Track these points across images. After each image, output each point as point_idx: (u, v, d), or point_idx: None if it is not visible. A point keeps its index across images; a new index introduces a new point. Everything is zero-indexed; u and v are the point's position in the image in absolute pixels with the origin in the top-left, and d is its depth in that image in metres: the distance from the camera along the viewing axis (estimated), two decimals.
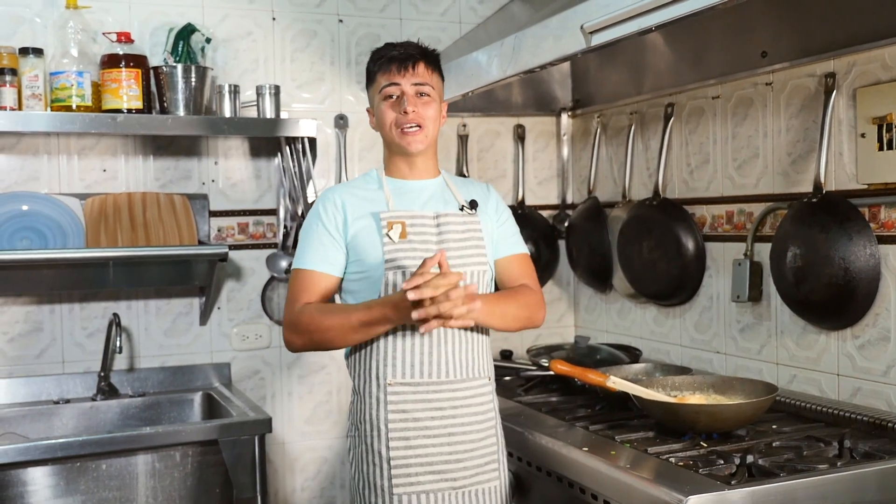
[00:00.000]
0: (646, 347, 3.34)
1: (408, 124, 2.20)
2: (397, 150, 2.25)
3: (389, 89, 2.21)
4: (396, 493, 2.14)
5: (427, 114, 2.21)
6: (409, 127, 2.20)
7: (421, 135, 2.21)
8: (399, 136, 2.21)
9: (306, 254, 2.22)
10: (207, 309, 3.25)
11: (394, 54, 2.22)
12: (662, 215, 3.15)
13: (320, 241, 2.21)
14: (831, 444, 2.21)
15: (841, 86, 2.51)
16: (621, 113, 3.48)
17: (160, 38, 3.15)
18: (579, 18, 2.27)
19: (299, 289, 2.20)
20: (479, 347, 2.25)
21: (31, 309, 3.08)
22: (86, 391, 3.10)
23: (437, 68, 2.28)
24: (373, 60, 2.27)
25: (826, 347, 2.60)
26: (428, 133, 2.23)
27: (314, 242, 2.22)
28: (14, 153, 3.05)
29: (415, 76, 2.20)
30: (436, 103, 2.24)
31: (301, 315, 2.16)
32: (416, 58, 2.22)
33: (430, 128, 2.23)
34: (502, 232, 2.34)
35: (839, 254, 2.43)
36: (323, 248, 2.20)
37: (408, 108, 2.18)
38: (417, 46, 2.26)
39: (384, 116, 2.23)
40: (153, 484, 2.66)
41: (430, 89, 2.22)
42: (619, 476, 2.08)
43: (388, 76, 2.21)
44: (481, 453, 2.21)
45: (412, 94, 2.20)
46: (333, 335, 2.13)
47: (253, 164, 3.34)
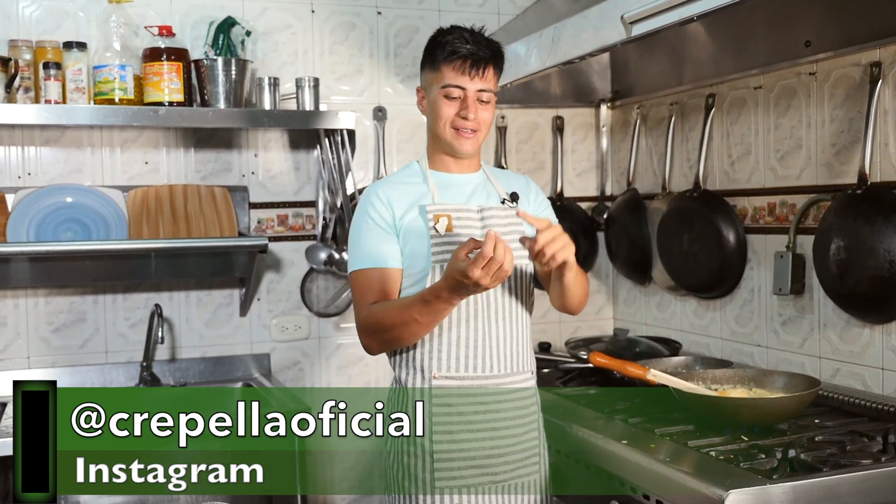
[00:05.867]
0: (685, 340, 3.32)
1: (465, 129, 2.15)
2: (446, 147, 2.20)
3: (453, 90, 2.13)
4: (439, 486, 2.13)
5: (485, 118, 2.16)
6: (465, 131, 2.15)
7: (475, 138, 2.16)
8: (453, 135, 2.16)
9: (360, 253, 2.16)
10: (247, 300, 3.28)
11: (465, 51, 2.11)
12: (703, 207, 3.12)
13: (371, 236, 2.15)
14: (875, 439, 2.17)
15: (887, 75, 2.47)
16: (661, 104, 3.45)
17: (201, 32, 3.18)
18: (619, 9, 2.25)
19: (361, 291, 2.14)
20: (523, 341, 2.23)
21: (75, 300, 3.13)
22: (128, 381, 3.14)
23: (501, 70, 2.20)
24: (440, 47, 2.14)
25: (870, 341, 2.57)
26: (481, 136, 2.18)
27: (365, 240, 2.16)
28: (58, 146, 3.10)
29: (482, 81, 2.13)
30: (493, 106, 2.18)
31: (367, 318, 2.10)
32: (487, 61, 2.12)
33: (484, 131, 2.18)
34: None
35: (884, 246, 2.39)
36: (376, 244, 2.14)
37: (469, 116, 2.12)
38: (488, 44, 2.15)
39: (440, 112, 2.16)
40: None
41: (491, 95, 2.16)
42: (658, 469, 2.07)
43: (454, 75, 2.12)
44: (523, 447, 2.20)
45: (474, 99, 2.13)
46: (400, 332, 2.06)
47: (292, 156, 3.36)
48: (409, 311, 2.02)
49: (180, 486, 1.96)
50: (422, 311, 2.00)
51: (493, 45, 2.17)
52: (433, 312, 2.00)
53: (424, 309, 1.99)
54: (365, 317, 2.12)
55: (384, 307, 2.08)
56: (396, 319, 2.04)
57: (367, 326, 2.12)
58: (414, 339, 2.10)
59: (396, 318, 2.04)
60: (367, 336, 2.13)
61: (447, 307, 1.99)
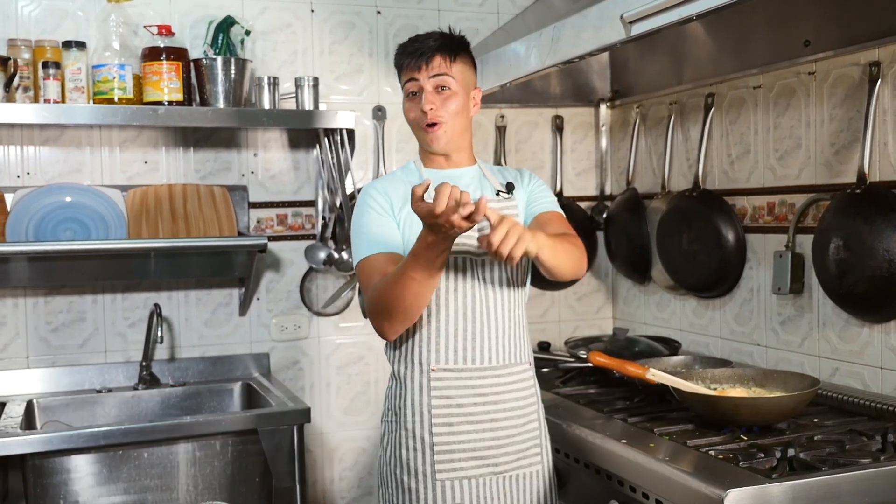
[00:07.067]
0: (685, 340, 3.32)
1: (427, 121, 2.16)
2: (423, 145, 2.23)
3: (409, 85, 2.17)
4: (439, 478, 2.14)
5: (447, 108, 2.15)
6: (428, 124, 2.16)
7: (440, 131, 2.16)
8: (422, 134, 2.19)
9: (363, 241, 2.15)
10: (247, 300, 3.28)
11: (410, 49, 2.17)
12: (702, 206, 3.12)
13: (374, 224, 2.15)
14: (874, 439, 2.17)
15: (886, 74, 2.47)
16: (661, 103, 3.45)
17: (200, 31, 3.18)
18: (619, 8, 2.25)
19: (368, 277, 2.11)
20: (520, 333, 2.24)
21: (74, 299, 3.13)
22: (127, 380, 3.14)
23: (458, 57, 2.18)
24: (395, 54, 2.24)
25: (869, 340, 2.57)
26: (448, 128, 2.17)
27: (368, 229, 2.15)
28: (58, 145, 3.09)
29: (431, 69, 2.14)
30: (458, 96, 2.17)
31: (372, 298, 2.07)
32: (431, 51, 2.14)
33: (450, 123, 2.17)
34: (535, 196, 2.27)
35: (883, 245, 2.39)
36: (379, 231, 2.14)
37: (425, 107, 2.14)
38: (438, 37, 2.17)
39: (407, 113, 2.20)
40: (193, 472, 2.70)
41: (449, 80, 2.15)
42: (657, 468, 2.07)
43: (407, 72, 2.17)
44: (523, 438, 2.21)
45: (430, 90, 2.15)
46: (403, 297, 1.98)
47: (292, 155, 3.36)
48: (404, 274, 1.96)
49: None
50: (415, 266, 1.93)
51: (444, 37, 2.18)
52: (426, 264, 1.92)
53: (417, 264, 1.92)
54: (370, 298, 2.09)
55: (383, 281, 2.03)
56: (397, 287, 1.98)
57: (374, 306, 2.08)
58: (418, 302, 2.01)
59: (396, 285, 1.98)
60: (376, 317, 2.09)
61: (437, 254, 1.90)
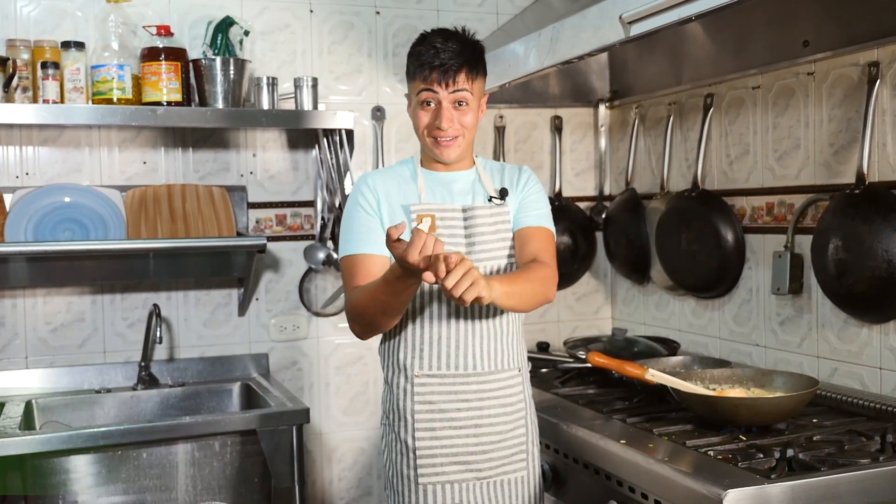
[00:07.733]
0: (684, 340, 3.32)
1: (443, 137, 2.14)
2: (430, 153, 2.20)
3: (425, 95, 2.13)
4: (422, 482, 2.15)
5: (464, 122, 2.14)
6: (444, 139, 2.14)
7: (455, 144, 2.15)
8: (433, 143, 2.16)
9: (350, 239, 2.17)
10: (246, 300, 3.28)
11: (435, 63, 2.09)
12: (701, 207, 3.12)
13: (362, 223, 2.16)
14: (873, 439, 2.17)
15: (885, 75, 2.47)
16: (660, 104, 3.45)
17: (199, 32, 3.18)
18: (618, 8, 2.25)
19: (350, 276, 2.15)
20: (510, 339, 2.23)
21: (73, 299, 3.13)
22: (126, 381, 3.14)
23: (479, 69, 2.17)
24: (412, 57, 2.17)
25: (868, 341, 2.57)
26: (463, 141, 2.16)
27: (356, 226, 2.17)
28: (57, 146, 3.09)
29: (454, 86, 2.11)
30: (474, 108, 2.16)
31: (350, 302, 2.13)
32: (456, 68, 2.10)
33: (466, 135, 2.16)
34: (524, 205, 2.24)
35: (882, 245, 2.39)
36: (367, 230, 2.16)
37: (443, 125, 2.11)
38: (461, 50, 2.11)
39: (418, 120, 2.16)
40: (192, 473, 2.70)
41: (468, 95, 2.13)
42: (656, 469, 2.07)
43: (424, 82, 2.12)
44: (508, 444, 2.21)
45: (449, 106, 2.12)
46: (372, 312, 2.06)
47: (291, 156, 3.36)
48: (376, 291, 2.02)
49: None
50: (386, 290, 1.98)
51: (466, 49, 2.14)
52: (396, 290, 1.96)
53: (388, 289, 1.97)
54: (347, 300, 2.16)
55: (360, 290, 2.10)
56: (368, 300, 2.05)
57: (350, 310, 2.14)
58: (386, 319, 2.09)
59: (368, 298, 2.05)
60: (351, 320, 2.15)
61: (405, 286, 1.94)
